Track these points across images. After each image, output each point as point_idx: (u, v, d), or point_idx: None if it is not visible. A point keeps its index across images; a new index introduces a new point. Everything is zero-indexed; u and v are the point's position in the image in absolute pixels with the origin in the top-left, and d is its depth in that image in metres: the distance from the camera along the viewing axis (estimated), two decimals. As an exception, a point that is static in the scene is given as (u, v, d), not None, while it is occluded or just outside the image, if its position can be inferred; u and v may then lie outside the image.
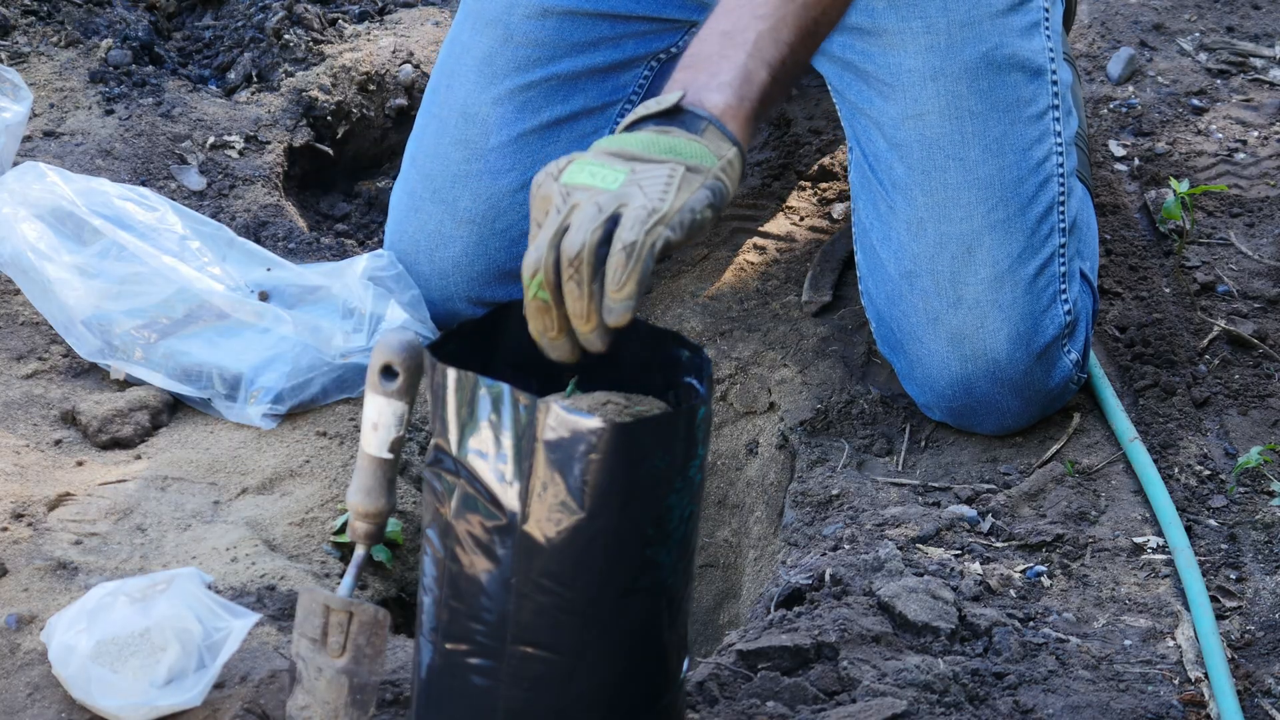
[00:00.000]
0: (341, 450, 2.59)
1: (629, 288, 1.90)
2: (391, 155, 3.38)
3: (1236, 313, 2.93)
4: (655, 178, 1.95)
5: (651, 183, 1.94)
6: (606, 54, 2.79)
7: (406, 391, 2.01)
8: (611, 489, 1.90)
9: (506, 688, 1.95)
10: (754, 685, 2.21)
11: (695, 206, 1.95)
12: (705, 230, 1.99)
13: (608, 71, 2.79)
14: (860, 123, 2.71)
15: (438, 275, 2.80)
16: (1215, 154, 3.31)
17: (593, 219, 1.91)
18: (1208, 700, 2.24)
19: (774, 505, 2.70)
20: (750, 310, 2.92)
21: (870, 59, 2.67)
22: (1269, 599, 2.41)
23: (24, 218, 2.69)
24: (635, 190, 1.93)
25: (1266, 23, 3.70)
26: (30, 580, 2.31)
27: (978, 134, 2.64)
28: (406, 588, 2.48)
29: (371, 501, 2.04)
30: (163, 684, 2.09)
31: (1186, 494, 2.60)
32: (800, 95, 3.35)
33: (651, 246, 1.91)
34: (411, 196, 2.82)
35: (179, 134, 3.16)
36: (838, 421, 2.73)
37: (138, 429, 2.60)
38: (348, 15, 3.52)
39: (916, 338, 2.67)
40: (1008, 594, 2.41)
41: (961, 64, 2.63)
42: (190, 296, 2.67)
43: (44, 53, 3.29)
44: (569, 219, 1.93)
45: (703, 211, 1.96)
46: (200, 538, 2.41)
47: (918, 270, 2.66)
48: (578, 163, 1.97)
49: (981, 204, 2.63)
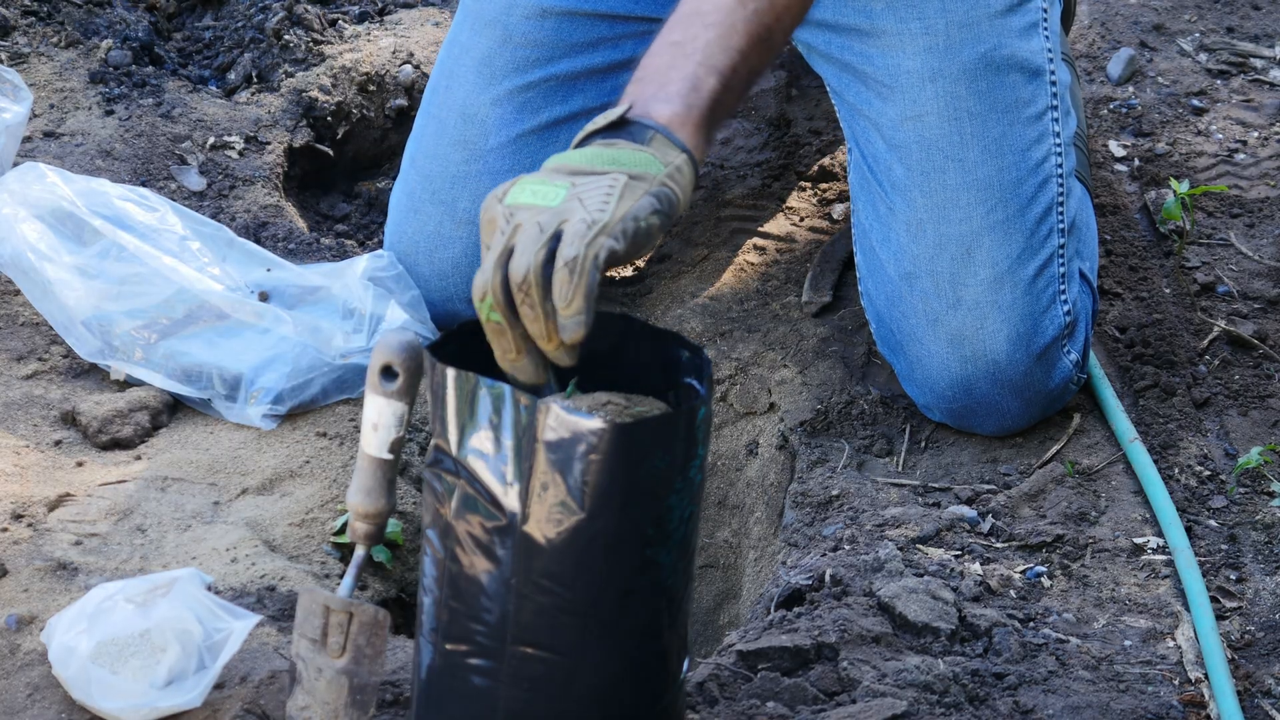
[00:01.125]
0: (341, 451, 2.59)
1: (576, 303, 1.90)
2: (391, 155, 3.38)
3: (1236, 313, 2.93)
4: (596, 189, 1.95)
5: (592, 195, 1.94)
6: (606, 54, 2.79)
7: (406, 392, 2.01)
8: (611, 489, 1.90)
9: (507, 688, 1.95)
10: (754, 686, 2.21)
11: (639, 214, 1.95)
12: (654, 237, 1.97)
13: (607, 72, 2.79)
14: (859, 124, 2.71)
15: (437, 276, 2.80)
16: (1215, 154, 3.31)
17: (535, 239, 1.91)
18: (1208, 700, 2.24)
19: (774, 506, 2.70)
20: (750, 310, 2.92)
21: (869, 60, 2.67)
22: (1269, 599, 2.41)
23: (24, 218, 2.69)
24: (576, 204, 1.93)
25: (1266, 23, 3.70)
26: (30, 580, 2.31)
27: (976, 135, 2.64)
28: (406, 588, 2.48)
29: (371, 502, 2.04)
30: (163, 685, 2.09)
31: (1186, 494, 2.60)
32: (800, 95, 3.36)
33: (594, 259, 1.90)
34: (411, 197, 2.82)
35: (179, 134, 3.16)
36: (838, 422, 2.73)
37: (138, 429, 2.60)
38: (348, 16, 3.52)
39: (916, 339, 2.67)
40: (1008, 594, 2.41)
41: (960, 65, 2.63)
42: (190, 297, 2.67)
43: (44, 53, 3.29)
44: (513, 240, 1.93)
45: (647, 219, 1.95)
46: (200, 538, 2.41)
47: (917, 271, 2.66)
48: (520, 183, 1.97)
49: (980, 205, 2.63)
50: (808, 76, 3.37)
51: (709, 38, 2.14)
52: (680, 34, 2.15)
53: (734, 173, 3.19)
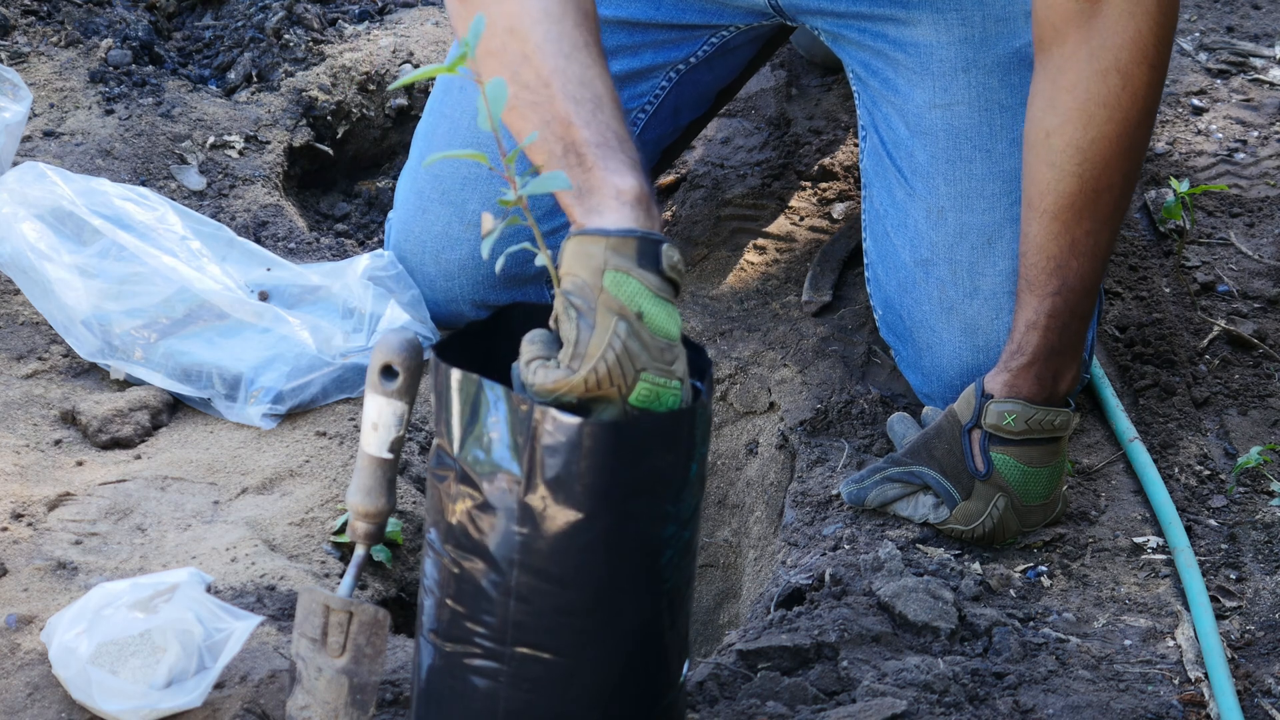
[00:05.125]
0: (341, 450, 2.58)
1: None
2: (391, 155, 3.38)
3: (1236, 313, 2.93)
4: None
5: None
6: (624, 62, 2.78)
7: (406, 391, 2.01)
8: (611, 490, 1.90)
9: (507, 689, 1.95)
10: (754, 685, 2.21)
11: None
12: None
13: (624, 80, 2.78)
14: (881, 109, 2.72)
15: (443, 277, 2.79)
16: (1215, 154, 3.31)
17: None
18: (1208, 700, 2.24)
19: (774, 505, 2.70)
20: (750, 310, 2.92)
21: (901, 47, 2.68)
22: (1269, 599, 2.41)
23: (24, 218, 2.69)
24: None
25: (1266, 23, 3.70)
26: (30, 580, 2.31)
27: (1006, 127, 2.65)
28: (406, 588, 2.48)
29: (371, 501, 2.04)
30: (163, 685, 2.09)
31: (1186, 494, 2.60)
32: (800, 95, 3.35)
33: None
34: (420, 197, 2.81)
35: (179, 134, 3.16)
36: (838, 421, 2.73)
37: (138, 429, 2.60)
38: (348, 15, 3.52)
39: (929, 326, 2.67)
40: (1008, 594, 2.41)
41: (994, 57, 2.65)
42: (190, 296, 2.67)
43: (44, 53, 3.29)
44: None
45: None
46: (200, 538, 2.41)
47: (935, 258, 2.66)
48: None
49: (1005, 196, 2.64)
50: (808, 76, 3.37)
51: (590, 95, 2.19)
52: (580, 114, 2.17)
53: (734, 172, 3.19)
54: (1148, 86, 2.32)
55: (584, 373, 1.93)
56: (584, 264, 1.97)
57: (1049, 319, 2.43)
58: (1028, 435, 2.45)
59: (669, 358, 1.97)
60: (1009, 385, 2.46)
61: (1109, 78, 2.32)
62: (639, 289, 1.96)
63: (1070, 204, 2.38)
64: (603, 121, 2.13)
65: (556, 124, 2.13)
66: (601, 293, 1.96)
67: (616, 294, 1.96)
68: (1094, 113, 2.34)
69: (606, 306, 1.95)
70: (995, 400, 2.45)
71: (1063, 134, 2.35)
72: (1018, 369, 2.45)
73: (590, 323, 1.95)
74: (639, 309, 1.96)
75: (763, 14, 2.79)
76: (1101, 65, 2.32)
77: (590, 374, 1.94)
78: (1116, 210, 2.39)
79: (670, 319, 1.97)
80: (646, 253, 1.98)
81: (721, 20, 2.80)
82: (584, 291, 1.96)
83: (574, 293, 1.96)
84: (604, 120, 2.13)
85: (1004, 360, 2.47)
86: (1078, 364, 2.48)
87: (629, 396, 1.94)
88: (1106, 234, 2.40)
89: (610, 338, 1.94)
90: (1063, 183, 2.37)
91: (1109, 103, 2.33)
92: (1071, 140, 2.35)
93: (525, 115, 2.16)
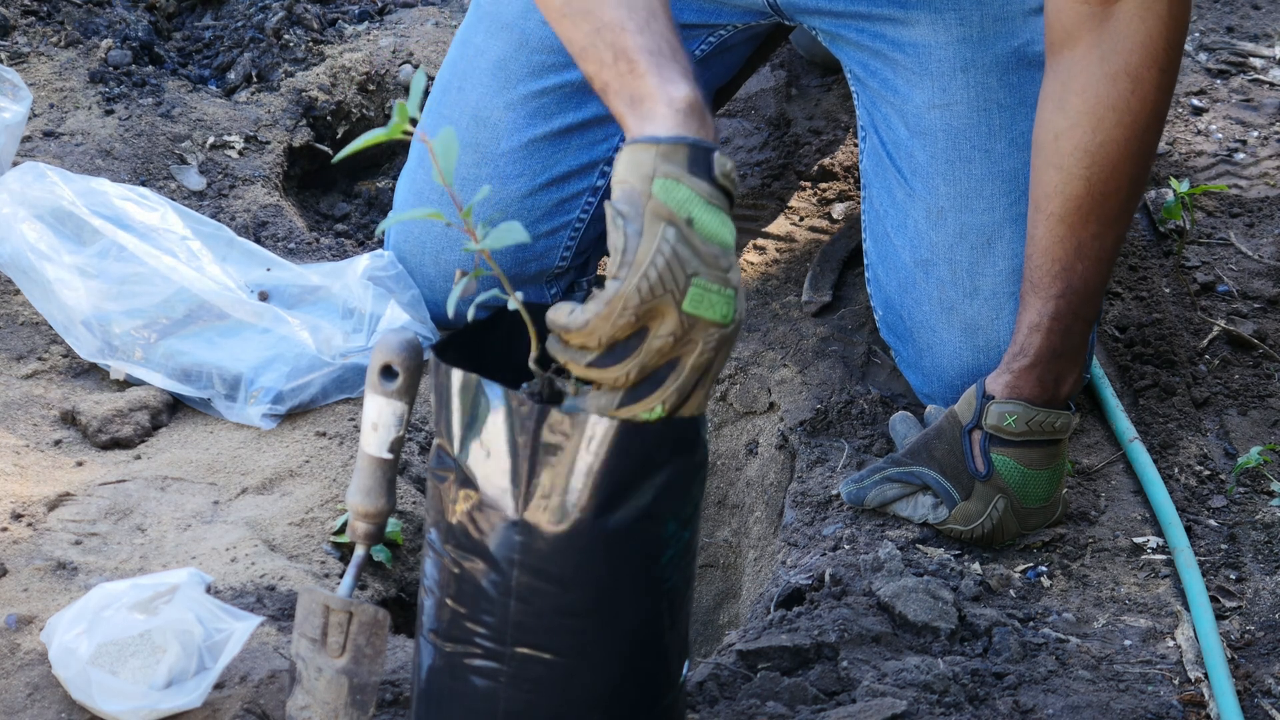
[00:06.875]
0: (341, 450, 2.58)
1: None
2: (391, 155, 3.38)
3: (1236, 313, 2.93)
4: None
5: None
6: None
7: (406, 391, 2.01)
8: (612, 489, 1.90)
9: (507, 689, 1.95)
10: (754, 685, 2.21)
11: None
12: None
13: None
14: (881, 109, 2.72)
15: (443, 278, 2.79)
16: (1215, 154, 3.31)
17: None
18: (1208, 700, 2.24)
19: (774, 505, 2.70)
20: (750, 310, 2.92)
21: (899, 47, 2.68)
22: (1269, 599, 2.41)
23: (24, 218, 2.69)
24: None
25: (1266, 23, 3.70)
26: (30, 580, 2.31)
27: (1005, 127, 2.65)
28: (406, 588, 2.48)
29: (371, 501, 2.04)
30: (163, 686, 2.08)
31: (1186, 494, 2.60)
32: (800, 95, 3.35)
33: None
34: (419, 198, 2.81)
35: (179, 134, 3.16)
36: (838, 421, 2.73)
37: (138, 429, 2.60)
38: (347, 15, 3.52)
39: (929, 326, 2.67)
40: (1007, 594, 2.41)
41: (993, 57, 2.65)
42: (190, 296, 2.67)
43: (44, 53, 3.29)
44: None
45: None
46: (200, 538, 2.41)
47: (935, 259, 2.66)
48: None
49: (1004, 196, 2.64)
50: (808, 76, 3.37)
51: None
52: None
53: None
54: (1157, 91, 2.32)
55: (635, 280, 1.90)
56: (634, 171, 1.94)
57: (1053, 321, 2.43)
58: (1028, 437, 2.45)
59: (724, 264, 1.93)
60: (1010, 386, 2.45)
61: (1119, 81, 2.31)
62: (690, 195, 1.93)
63: (1077, 207, 2.37)
64: (656, 30, 2.08)
65: (607, 30, 2.08)
66: (650, 199, 1.92)
67: (666, 200, 1.92)
68: (1103, 116, 2.33)
69: (654, 213, 1.91)
70: (996, 401, 2.45)
71: (1071, 137, 2.35)
72: (1020, 370, 2.45)
73: (638, 229, 1.91)
74: (689, 215, 1.92)
75: (761, 13, 2.79)
76: (1112, 69, 2.31)
77: (641, 280, 1.90)
78: (1123, 214, 2.39)
79: (723, 225, 1.94)
80: (698, 160, 1.95)
81: (719, 19, 2.80)
82: (632, 199, 1.93)
83: (622, 200, 1.93)
84: (657, 29, 2.08)
85: (1006, 361, 2.47)
86: (1080, 366, 2.48)
87: (682, 304, 1.91)
88: (1112, 238, 2.40)
89: (660, 243, 1.90)
90: (1070, 185, 2.37)
91: (1118, 106, 2.33)
92: (1080, 143, 2.35)
93: (576, 23, 2.11)
